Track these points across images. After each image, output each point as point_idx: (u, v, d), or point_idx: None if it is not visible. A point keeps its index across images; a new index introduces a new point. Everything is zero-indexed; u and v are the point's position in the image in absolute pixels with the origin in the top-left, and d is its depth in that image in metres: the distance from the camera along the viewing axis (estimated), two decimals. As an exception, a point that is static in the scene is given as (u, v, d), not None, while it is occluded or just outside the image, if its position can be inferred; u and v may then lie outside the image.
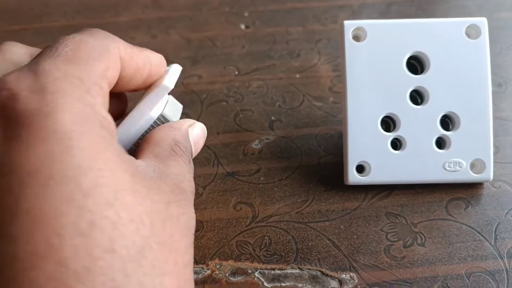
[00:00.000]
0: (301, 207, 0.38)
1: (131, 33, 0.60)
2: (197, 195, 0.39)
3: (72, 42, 0.27)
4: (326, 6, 0.64)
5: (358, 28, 0.38)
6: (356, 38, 0.39)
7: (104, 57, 0.27)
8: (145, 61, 0.31)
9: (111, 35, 0.30)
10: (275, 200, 0.39)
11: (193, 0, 0.67)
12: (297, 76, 0.52)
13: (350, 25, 0.38)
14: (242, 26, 0.61)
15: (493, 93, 0.46)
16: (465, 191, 0.38)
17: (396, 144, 0.38)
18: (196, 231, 0.36)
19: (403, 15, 0.62)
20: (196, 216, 0.37)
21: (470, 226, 0.36)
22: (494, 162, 0.40)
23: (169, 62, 0.55)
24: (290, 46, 0.56)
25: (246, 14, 0.63)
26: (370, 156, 0.38)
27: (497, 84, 0.49)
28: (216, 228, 0.37)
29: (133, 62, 0.30)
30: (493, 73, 0.49)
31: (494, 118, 0.44)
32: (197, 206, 0.38)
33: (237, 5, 0.65)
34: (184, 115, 0.45)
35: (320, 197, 0.39)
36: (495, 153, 0.41)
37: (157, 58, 0.32)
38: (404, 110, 0.38)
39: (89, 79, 0.25)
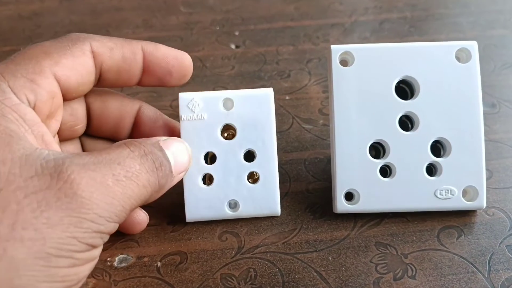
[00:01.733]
0: (288, 236, 0.37)
1: (120, 54, 0.60)
2: (182, 224, 0.38)
3: (29, 47, 0.30)
4: (318, 25, 0.63)
5: (346, 53, 0.38)
6: (344, 62, 0.38)
7: (54, 55, 0.30)
8: (133, 51, 0.34)
9: (85, 35, 0.32)
10: (261, 229, 0.37)
11: (184, 19, 0.66)
12: (287, 97, 0.51)
13: (337, 50, 0.37)
14: (233, 46, 0.60)
15: (486, 114, 0.46)
16: (457, 219, 0.37)
17: (386, 171, 0.37)
18: (179, 263, 0.35)
19: (395, 32, 0.61)
20: (180, 246, 0.36)
21: (462, 257, 0.35)
22: (488, 187, 0.39)
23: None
24: (281, 66, 0.55)
25: (236, 33, 0.62)
26: (359, 183, 0.37)
27: (491, 105, 0.48)
28: (201, 260, 0.36)
29: (115, 54, 0.33)
30: (486, 93, 0.49)
31: (488, 140, 0.43)
32: (182, 236, 0.37)
33: (228, 24, 0.64)
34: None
35: (308, 226, 0.38)
36: (488, 178, 0.40)
37: (151, 46, 0.35)
38: (394, 136, 0.37)
39: (13, 74, 0.28)
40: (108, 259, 0.36)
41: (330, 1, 0.69)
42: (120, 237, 0.37)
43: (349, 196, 0.37)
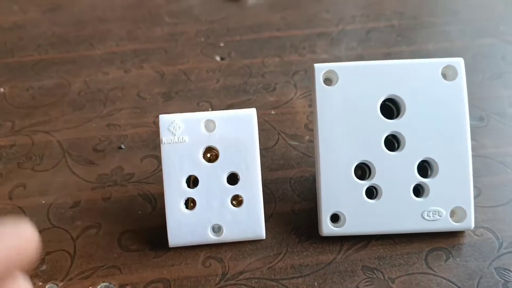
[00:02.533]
0: (273, 261, 0.36)
1: (104, 68, 0.59)
2: (164, 249, 0.37)
3: None
4: (304, 35, 0.62)
5: (330, 71, 0.37)
6: (328, 81, 0.37)
7: None
8: None
9: None
10: (246, 254, 0.37)
11: (169, 30, 0.65)
12: (273, 112, 0.50)
13: (321, 68, 0.37)
14: (218, 58, 0.59)
15: (475, 127, 0.45)
16: (445, 240, 0.37)
17: (372, 192, 0.37)
18: (162, 291, 0.34)
19: (382, 42, 0.60)
20: (163, 273, 0.35)
21: (451, 281, 0.34)
22: (476, 205, 0.38)
23: (141, 99, 0.54)
24: (266, 79, 0.55)
25: (221, 45, 0.61)
26: (345, 205, 0.36)
27: (479, 118, 0.47)
28: (184, 287, 0.35)
29: None
30: (474, 105, 0.48)
31: (476, 155, 0.42)
32: (165, 262, 0.36)
33: (213, 35, 0.63)
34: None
35: (294, 249, 0.37)
36: (476, 196, 0.39)
37: None
38: (379, 157, 0.36)
39: None
40: (90, 287, 0.35)
41: (316, 9, 0.68)
42: (102, 264, 0.36)
43: (335, 218, 0.37)
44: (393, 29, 0.63)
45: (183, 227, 0.36)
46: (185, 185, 0.36)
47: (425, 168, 0.37)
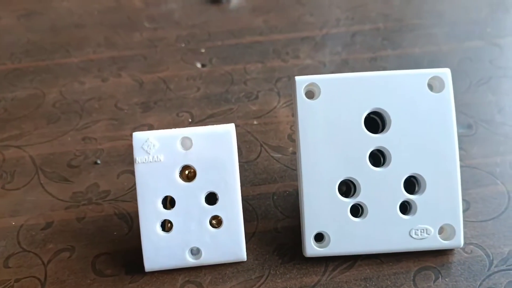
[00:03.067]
0: (255, 285, 0.34)
1: (81, 77, 0.56)
2: (140, 273, 0.35)
3: None
4: (288, 39, 0.60)
5: (311, 84, 0.35)
6: (310, 94, 0.35)
7: None
8: None
9: None
10: (226, 277, 0.35)
11: (148, 35, 0.63)
12: (255, 122, 0.48)
13: (302, 82, 0.35)
14: (198, 65, 0.57)
15: (463, 136, 0.44)
16: (434, 258, 0.35)
17: (358, 210, 0.35)
18: (138, 319, 0.32)
19: (367, 46, 0.58)
20: (139, 300, 0.33)
21: (440, 303, 0.33)
22: (465, 220, 0.37)
23: (119, 110, 0.52)
24: (248, 86, 0.53)
25: (202, 50, 0.59)
26: (329, 224, 0.35)
27: (467, 126, 0.46)
28: (161, 314, 0.33)
29: None
30: (461, 112, 0.47)
31: (464, 166, 0.41)
32: (141, 288, 0.34)
33: (194, 40, 0.61)
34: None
35: (276, 271, 0.35)
36: (465, 210, 0.38)
37: None
38: (364, 173, 0.34)
39: None
40: (61, 316, 0.33)
41: (300, 13, 0.66)
42: (74, 290, 0.35)
43: (319, 237, 0.35)
44: (378, 32, 0.61)
45: (159, 250, 0.35)
46: (161, 206, 0.35)
47: (412, 184, 0.35)
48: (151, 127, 0.48)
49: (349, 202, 0.35)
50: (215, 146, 0.35)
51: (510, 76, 0.52)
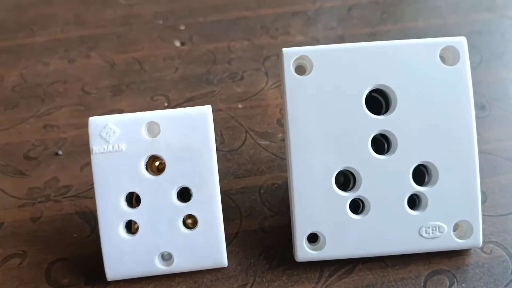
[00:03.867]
0: (237, 296, 0.29)
1: (45, 58, 0.50)
2: (103, 283, 0.30)
3: None
4: (277, 14, 0.55)
5: (302, 57, 0.29)
6: (300, 69, 0.30)
7: None
8: None
9: None
10: (204, 287, 0.30)
11: (122, 12, 0.57)
12: (240, 106, 0.42)
13: (291, 54, 0.29)
14: (177, 43, 0.51)
15: (476, 118, 0.38)
16: (447, 260, 0.30)
17: (358, 205, 0.30)
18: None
19: (366, 21, 0.53)
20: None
21: (457, 315, 0.27)
22: (482, 215, 0.31)
23: (86, 94, 0.46)
24: (233, 66, 0.47)
25: (182, 28, 0.53)
26: (324, 223, 0.29)
27: (480, 107, 0.41)
28: (125, 333, 0.28)
29: None
30: (473, 92, 0.41)
31: (479, 152, 0.35)
32: (103, 301, 0.29)
33: (173, 17, 0.55)
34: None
35: (263, 278, 0.30)
36: (482, 203, 0.33)
37: None
38: (366, 162, 0.29)
39: None
40: (7, 336, 0.28)
41: (291, -15, 0.60)
42: (24, 304, 0.29)
43: (312, 239, 0.30)
44: (377, 5, 0.55)
45: (124, 256, 0.29)
46: (124, 204, 0.29)
47: (421, 174, 0.30)
48: (121, 112, 0.43)
49: (348, 196, 0.29)
50: (188, 132, 0.29)
51: (525, 51, 0.47)
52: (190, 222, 0.30)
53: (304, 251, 0.29)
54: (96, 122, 0.29)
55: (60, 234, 0.33)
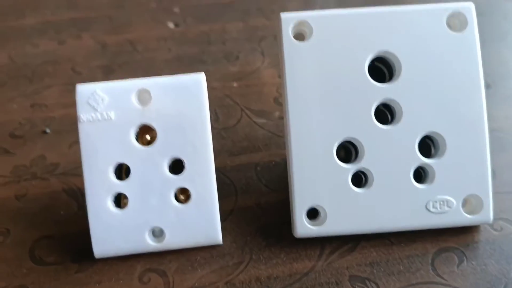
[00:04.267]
0: (232, 273, 0.27)
1: (34, 39, 0.49)
2: (90, 261, 0.28)
3: None
4: (274, -4, 0.53)
5: (301, 23, 0.28)
6: (300, 36, 0.28)
7: None
8: None
9: None
10: (197, 265, 0.28)
11: (115, -5, 0.55)
12: (235, 85, 0.41)
13: (289, 19, 0.28)
14: (171, 25, 0.49)
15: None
16: (456, 238, 0.28)
17: (361, 178, 0.28)
18: (84, 318, 0.25)
19: None
20: (86, 294, 0.26)
21: (466, 292, 0.26)
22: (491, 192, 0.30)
23: (77, 74, 0.44)
24: (228, 47, 0.46)
25: (176, 10, 0.52)
26: (325, 197, 0.28)
27: (485, 86, 0.39)
28: (113, 312, 0.26)
29: None
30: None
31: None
32: (89, 279, 0.27)
33: (166, -1, 0.54)
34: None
35: (260, 256, 0.28)
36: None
37: None
38: (369, 132, 0.27)
39: None
40: (-13, 316, 0.26)
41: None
42: (5, 283, 0.27)
43: (313, 214, 0.28)
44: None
45: (112, 231, 0.27)
46: (113, 176, 0.27)
47: (428, 146, 0.28)
48: (113, 92, 0.41)
49: (350, 168, 0.28)
50: (181, 101, 0.27)
51: (529, 32, 0.45)
52: (183, 198, 0.28)
53: (303, 226, 0.28)
54: (83, 89, 0.27)
55: (46, 212, 0.31)
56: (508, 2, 0.50)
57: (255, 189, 0.32)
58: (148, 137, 0.29)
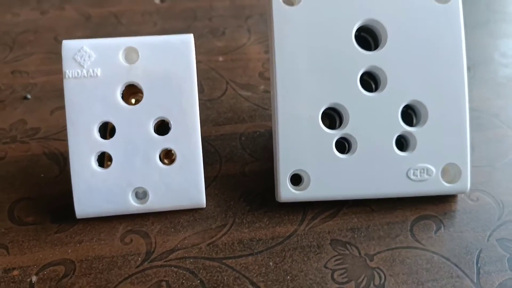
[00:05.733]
0: (215, 236, 0.27)
1: (15, 8, 0.48)
2: (71, 221, 0.28)
3: None
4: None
5: (291, -13, 0.28)
6: (289, 1, 0.28)
7: None
8: None
9: None
10: (179, 227, 0.28)
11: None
12: (220, 59, 0.41)
13: (278, -17, 0.28)
14: (157, 0, 0.49)
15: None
16: (435, 206, 0.29)
17: (344, 145, 0.28)
18: (63, 276, 0.25)
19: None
20: (67, 253, 0.26)
21: (444, 256, 0.26)
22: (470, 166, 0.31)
23: (59, 43, 0.43)
24: (214, 23, 0.46)
25: (162, -14, 0.52)
26: (309, 162, 0.28)
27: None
28: (94, 271, 0.25)
29: None
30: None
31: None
32: (70, 239, 0.27)
33: (153, -25, 0.54)
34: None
35: (243, 220, 0.28)
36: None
37: None
38: (354, 99, 0.28)
39: None
40: (-37, 273, 0.25)
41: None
42: (-18, 242, 0.27)
43: (296, 180, 0.28)
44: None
45: (94, 191, 0.27)
46: (97, 134, 0.27)
47: (409, 116, 0.29)
48: (96, 62, 0.40)
49: (335, 134, 0.28)
50: (168, 61, 0.27)
51: (508, 21, 0.47)
52: (167, 162, 0.28)
53: (287, 191, 0.28)
54: (70, 45, 0.27)
55: (25, 175, 0.31)
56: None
57: (239, 157, 0.32)
58: (133, 100, 0.28)
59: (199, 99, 0.36)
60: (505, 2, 0.50)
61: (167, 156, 0.29)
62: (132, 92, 0.28)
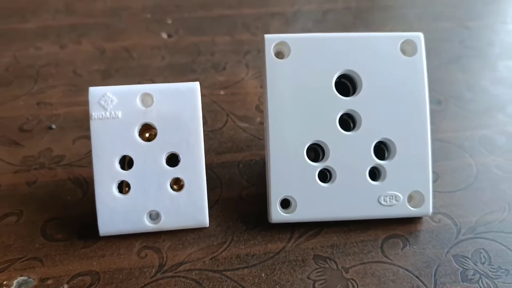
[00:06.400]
0: (217, 251, 0.32)
1: (37, 42, 0.53)
2: (94, 238, 0.33)
3: None
4: (258, 14, 0.59)
5: (281, 43, 0.33)
6: (279, 54, 0.34)
7: None
8: None
9: None
10: (187, 243, 0.33)
11: (111, 5, 0.60)
12: (222, 92, 0.46)
13: (271, 40, 0.33)
14: (164, 35, 0.55)
15: (432, 111, 0.43)
16: (402, 227, 0.34)
17: (326, 175, 0.34)
18: (90, 284, 0.30)
19: (339, 24, 0.57)
20: (92, 265, 0.31)
21: (407, 270, 0.31)
22: (434, 191, 0.36)
23: (78, 76, 0.49)
24: (216, 58, 0.51)
25: (169, 22, 0.57)
26: (296, 189, 0.33)
27: (436, 102, 0.45)
28: (115, 280, 0.31)
29: None
30: (431, 89, 0.45)
31: (434, 140, 0.40)
32: (94, 253, 0.32)
33: (160, 11, 0.59)
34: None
35: (240, 238, 0.33)
36: (434, 181, 0.37)
37: None
38: (334, 137, 0.33)
39: None
40: (5, 282, 0.30)
41: (271, -11, 0.65)
42: (21, 256, 0.32)
43: (285, 204, 0.34)
44: (350, 11, 0.60)
45: (115, 213, 0.32)
46: (118, 166, 0.32)
47: (382, 150, 0.34)
48: (111, 94, 0.46)
49: (317, 166, 0.33)
50: (178, 104, 0.33)
51: (479, 56, 0.52)
52: (176, 188, 0.33)
53: (277, 213, 0.33)
54: (96, 91, 0.32)
55: (54, 197, 0.36)
56: (465, 29, 0.57)
57: (237, 183, 0.37)
58: (147, 134, 0.34)
59: (203, 130, 0.41)
60: (477, 38, 0.55)
61: (176, 183, 0.34)
62: (146, 129, 0.33)
